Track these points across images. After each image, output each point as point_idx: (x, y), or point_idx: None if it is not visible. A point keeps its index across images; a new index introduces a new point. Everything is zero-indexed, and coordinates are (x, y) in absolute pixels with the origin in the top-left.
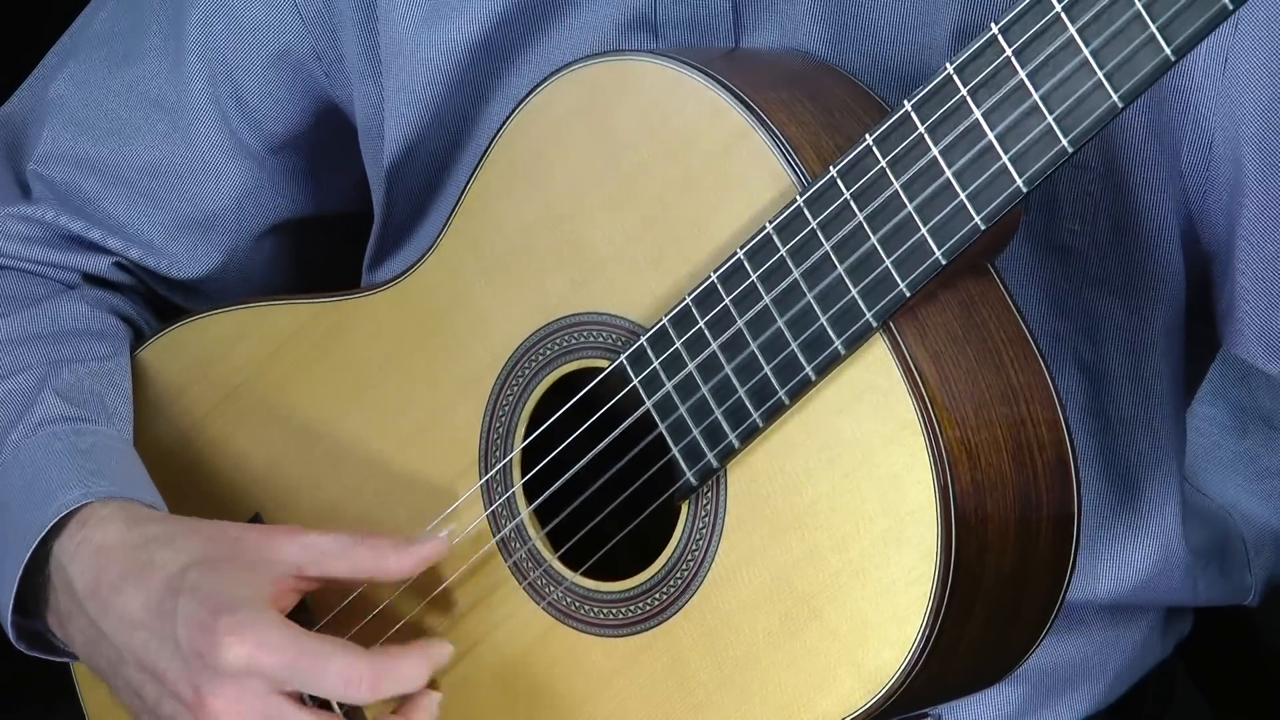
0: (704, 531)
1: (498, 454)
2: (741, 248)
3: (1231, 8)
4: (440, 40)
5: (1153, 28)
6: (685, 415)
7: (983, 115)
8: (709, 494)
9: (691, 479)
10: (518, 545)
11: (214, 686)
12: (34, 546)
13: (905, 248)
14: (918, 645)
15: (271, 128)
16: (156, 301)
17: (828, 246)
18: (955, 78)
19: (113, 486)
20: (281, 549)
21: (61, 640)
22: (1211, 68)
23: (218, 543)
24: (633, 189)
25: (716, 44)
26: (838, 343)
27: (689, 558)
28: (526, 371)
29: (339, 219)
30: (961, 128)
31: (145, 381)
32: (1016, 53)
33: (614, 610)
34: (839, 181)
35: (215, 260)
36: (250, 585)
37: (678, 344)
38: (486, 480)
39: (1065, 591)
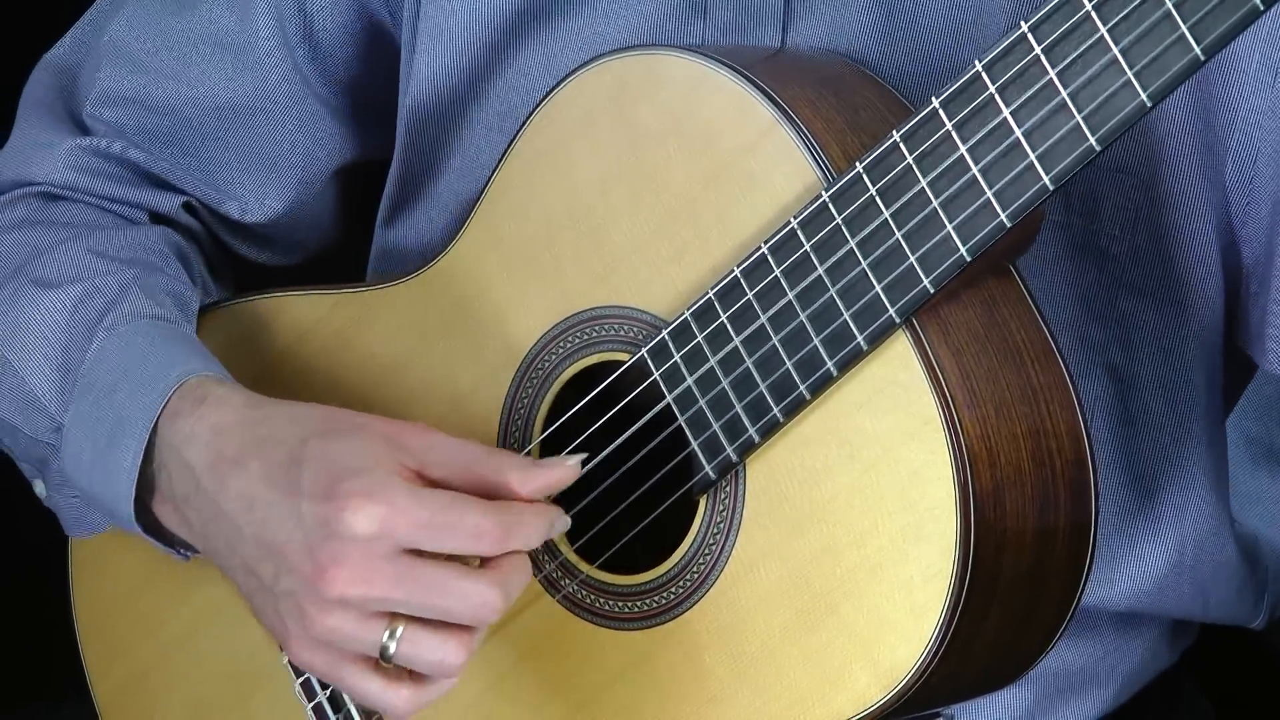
0: (721, 526)
1: (516, 446)
2: (765, 242)
3: (1263, 8)
4: None
5: (1183, 28)
6: (705, 409)
7: (1011, 112)
8: (727, 488)
9: (710, 473)
10: None
11: (336, 554)
12: (158, 413)
13: (930, 244)
14: (934, 642)
15: (336, 67)
16: (215, 253)
17: (852, 242)
18: (984, 75)
19: (219, 371)
20: (408, 439)
21: (174, 528)
22: (1261, 82)
23: (341, 420)
24: (657, 183)
25: (764, 31)
26: (860, 338)
27: (706, 552)
28: (547, 364)
29: (385, 167)
30: (989, 125)
31: None
32: (1046, 50)
33: (629, 604)
34: (865, 177)
35: (281, 204)
36: (374, 456)
37: (699, 338)
38: None
39: (1081, 593)
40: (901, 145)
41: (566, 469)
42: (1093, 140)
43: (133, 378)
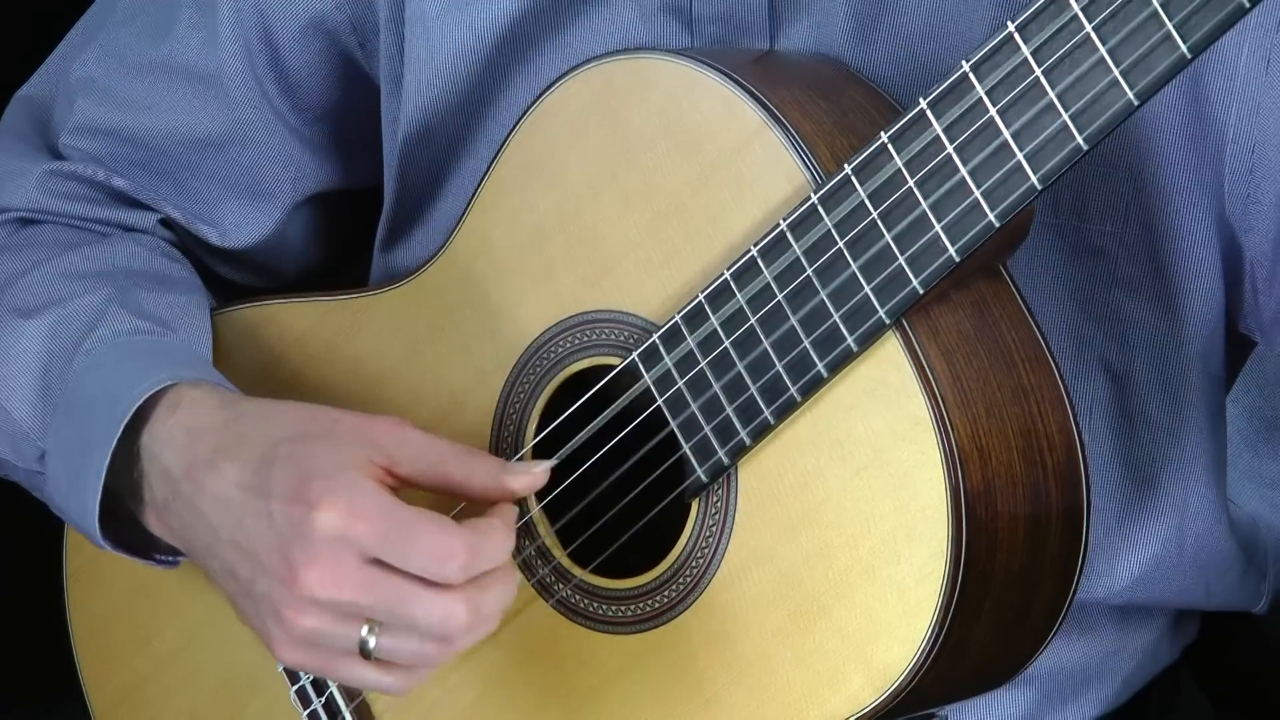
0: (714, 529)
1: (508, 451)
2: (755, 245)
3: (1248, 6)
4: (469, 19)
5: (1169, 25)
6: (696, 412)
7: (998, 113)
8: (719, 491)
9: (702, 476)
10: (527, 543)
11: (307, 556)
12: (123, 425)
13: (919, 245)
14: (927, 643)
15: (307, 98)
16: (195, 265)
17: (841, 244)
18: (971, 75)
19: (200, 374)
20: (380, 435)
21: (162, 535)
22: (1254, 70)
23: (315, 420)
24: (646, 187)
25: (751, 39)
26: (850, 340)
27: (699, 555)
28: (538, 369)
29: (368, 192)
30: (977, 125)
31: None
32: (1033, 50)
33: (623, 607)
34: (853, 179)
35: (261, 231)
36: (345, 457)
37: (690, 341)
38: None
39: (1074, 593)
40: (890, 147)
41: (534, 475)
42: (1080, 140)
43: (105, 395)
